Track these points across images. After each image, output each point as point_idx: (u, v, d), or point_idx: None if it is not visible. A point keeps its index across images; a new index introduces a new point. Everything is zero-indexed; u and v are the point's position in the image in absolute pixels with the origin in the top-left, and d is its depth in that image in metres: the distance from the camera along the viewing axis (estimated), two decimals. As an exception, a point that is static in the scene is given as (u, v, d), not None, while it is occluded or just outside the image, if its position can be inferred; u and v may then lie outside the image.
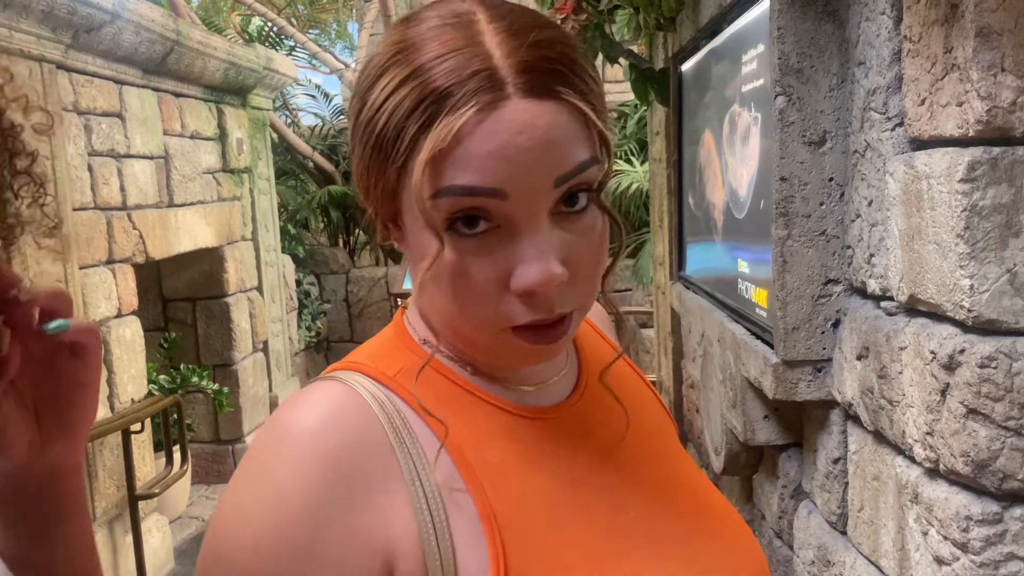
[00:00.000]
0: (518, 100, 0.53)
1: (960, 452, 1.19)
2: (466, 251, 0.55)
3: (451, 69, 0.53)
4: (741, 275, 2.11)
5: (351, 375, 0.60)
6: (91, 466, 3.36)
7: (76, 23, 3.28)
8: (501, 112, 0.53)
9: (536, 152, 0.53)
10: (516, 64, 0.53)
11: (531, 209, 0.54)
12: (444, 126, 0.52)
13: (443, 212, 0.54)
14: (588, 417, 0.67)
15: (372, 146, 0.57)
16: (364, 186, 0.60)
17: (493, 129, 0.53)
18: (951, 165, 1.18)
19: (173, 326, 4.93)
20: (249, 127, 5.33)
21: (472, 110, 0.52)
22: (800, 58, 1.60)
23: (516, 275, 0.55)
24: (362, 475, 0.55)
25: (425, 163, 0.53)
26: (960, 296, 1.18)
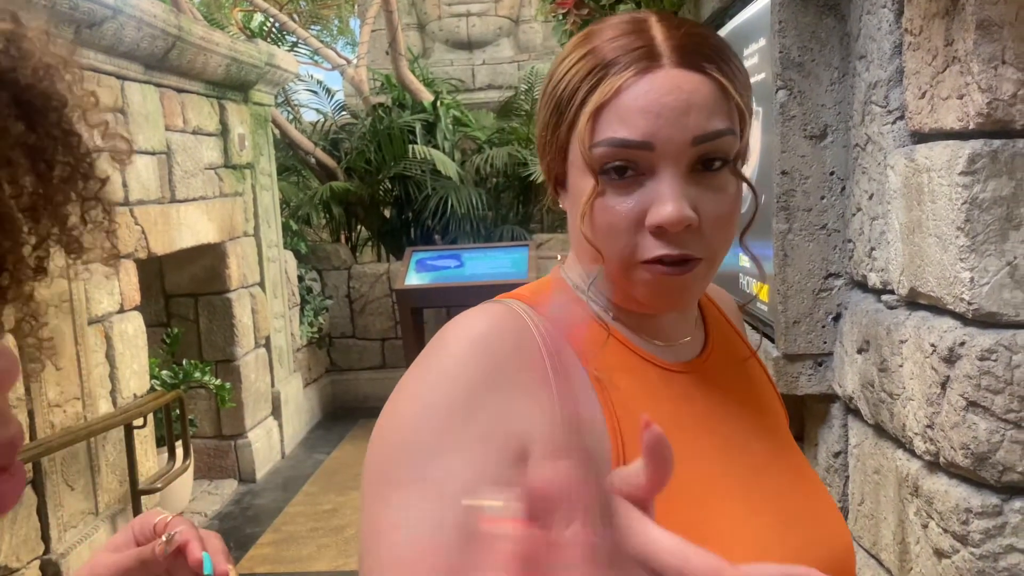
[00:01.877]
0: (670, 68, 0.64)
1: (960, 445, 1.20)
2: (614, 191, 0.66)
3: (619, 46, 0.66)
4: (743, 270, 2.11)
5: (514, 302, 0.70)
6: (94, 461, 3.37)
7: (78, 18, 3.28)
8: (654, 75, 0.64)
9: (680, 110, 0.64)
10: (672, 43, 0.65)
11: (672, 160, 0.64)
12: (607, 83, 0.65)
13: (600, 160, 0.65)
14: (709, 380, 0.75)
15: (551, 108, 0.69)
16: (541, 145, 0.72)
17: (647, 88, 0.64)
18: (952, 158, 1.18)
19: (175, 322, 4.93)
20: (251, 123, 5.33)
21: (631, 72, 0.64)
22: (801, 52, 1.60)
23: (651, 212, 0.65)
24: (514, 373, 0.63)
25: (590, 113, 0.65)
26: (960, 289, 1.18)
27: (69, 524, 3.17)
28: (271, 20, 9.04)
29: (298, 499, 4.72)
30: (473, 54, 9.45)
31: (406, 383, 0.66)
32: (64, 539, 3.14)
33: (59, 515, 3.11)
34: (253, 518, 4.49)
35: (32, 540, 2.98)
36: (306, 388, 6.14)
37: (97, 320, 3.47)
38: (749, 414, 0.76)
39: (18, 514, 2.90)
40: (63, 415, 3.16)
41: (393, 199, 7.35)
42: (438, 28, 9.49)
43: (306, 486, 4.92)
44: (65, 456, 3.16)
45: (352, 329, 6.69)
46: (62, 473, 3.15)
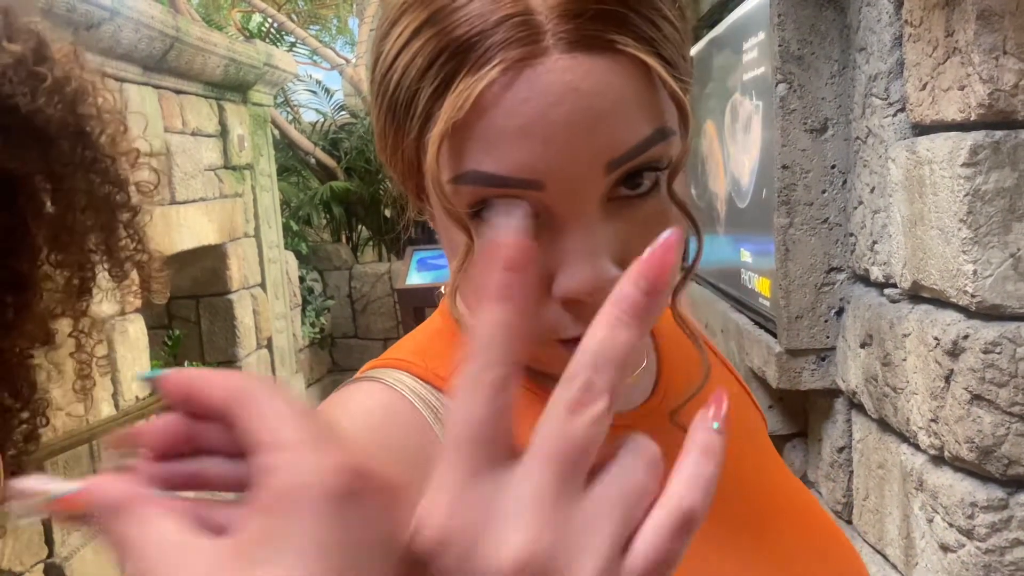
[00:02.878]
0: (559, 55, 0.40)
1: (965, 438, 1.19)
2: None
3: (476, 14, 0.40)
4: (744, 265, 2.10)
5: (395, 374, 0.50)
6: (97, 464, 3.37)
7: (75, 20, 3.28)
8: (535, 72, 0.40)
9: (581, 128, 0.41)
10: (559, 5, 0.40)
11: (576, 200, 0.42)
12: (461, 91, 0.40)
13: (466, 200, 0.43)
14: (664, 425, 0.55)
15: (386, 109, 0.46)
16: (383, 151, 0.50)
17: (524, 96, 0.40)
18: (953, 149, 1.18)
19: (177, 324, 4.93)
20: (250, 124, 5.33)
21: (499, 65, 0.40)
22: (801, 45, 1.60)
23: (558, 280, 0.43)
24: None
25: (440, 140, 0.41)
26: (963, 282, 1.17)
27: (72, 527, 3.17)
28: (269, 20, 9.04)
29: (302, 500, 4.72)
30: (472, 52, 9.42)
31: None
32: (67, 543, 3.13)
33: (62, 518, 3.11)
34: (257, 519, 4.49)
35: (35, 544, 2.98)
36: (309, 389, 6.14)
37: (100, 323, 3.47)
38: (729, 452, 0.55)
39: (21, 518, 2.91)
40: (65, 418, 3.16)
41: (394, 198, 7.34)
42: (437, 27, 9.46)
43: (309, 486, 4.91)
44: (68, 459, 3.16)
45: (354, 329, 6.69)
46: (65, 476, 3.15)
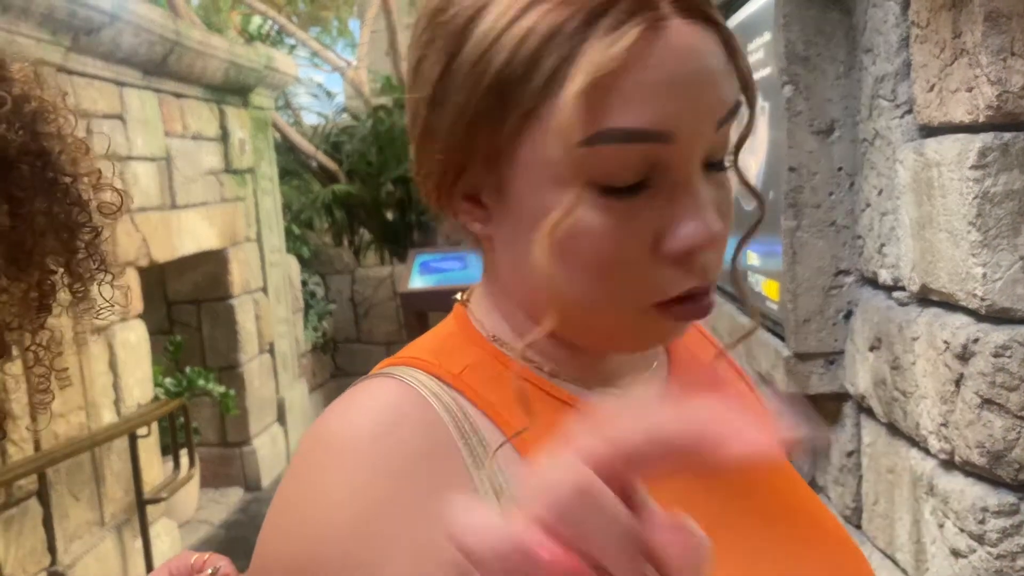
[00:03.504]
0: (678, 21, 0.43)
1: (975, 443, 1.18)
2: (612, 210, 0.45)
3: None
4: (751, 267, 2.09)
5: (408, 371, 0.50)
6: (99, 471, 3.36)
7: (76, 25, 3.27)
8: (665, 33, 0.43)
9: (703, 86, 0.44)
10: None
11: (693, 154, 0.45)
12: (603, 48, 0.42)
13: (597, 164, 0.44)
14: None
15: (482, 92, 0.45)
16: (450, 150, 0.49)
17: (659, 55, 0.42)
18: (961, 152, 1.16)
19: (178, 329, 4.92)
20: (251, 127, 5.32)
21: (636, 30, 0.42)
22: (807, 46, 1.59)
23: (676, 234, 0.45)
24: (426, 487, 0.46)
25: (579, 94, 0.42)
26: (973, 285, 1.16)
27: (75, 535, 3.16)
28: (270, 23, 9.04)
29: (305, 504, 4.72)
30: (472, 55, 9.42)
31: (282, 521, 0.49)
32: (70, 550, 3.12)
33: (65, 526, 3.10)
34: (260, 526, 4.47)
35: (38, 551, 2.97)
36: (311, 394, 6.13)
37: (99, 329, 3.46)
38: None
39: (23, 526, 2.89)
40: (67, 425, 3.15)
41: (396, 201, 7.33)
42: (437, 29, 9.47)
43: (312, 491, 4.91)
44: (70, 467, 3.15)
45: (357, 333, 6.68)
46: (67, 484, 3.14)
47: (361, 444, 0.47)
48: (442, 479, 0.46)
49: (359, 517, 0.45)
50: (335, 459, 0.47)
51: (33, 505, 2.95)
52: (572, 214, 0.44)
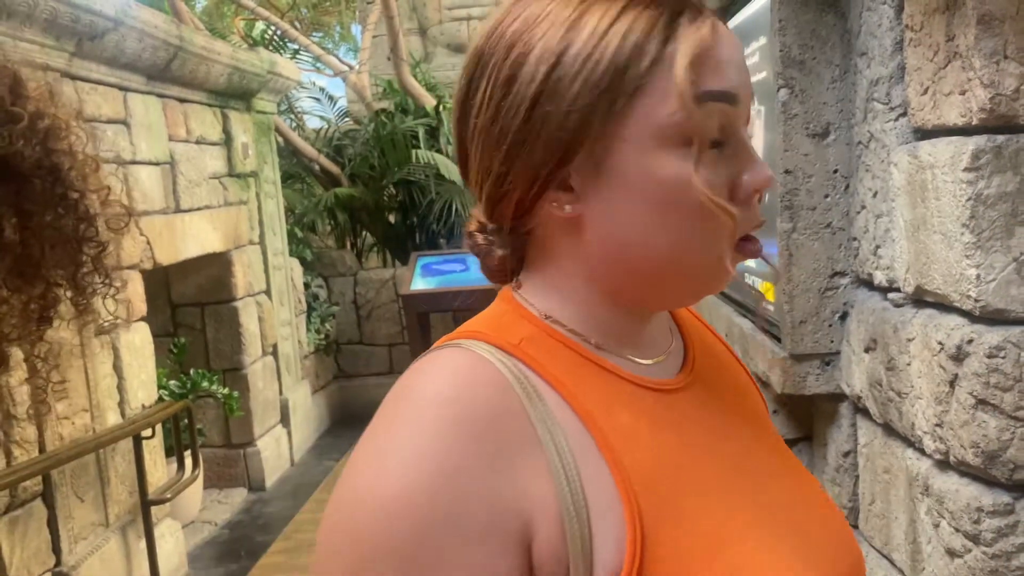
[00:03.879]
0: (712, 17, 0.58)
1: (970, 443, 1.19)
2: (708, 163, 0.56)
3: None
4: (747, 269, 2.10)
5: (472, 343, 0.58)
6: (103, 472, 3.38)
7: (80, 31, 3.29)
8: (721, 29, 0.58)
9: (745, 70, 0.59)
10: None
11: (746, 115, 0.59)
12: (695, 31, 0.56)
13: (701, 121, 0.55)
14: (704, 393, 0.66)
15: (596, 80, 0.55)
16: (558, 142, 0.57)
17: (723, 41, 0.57)
18: (955, 154, 1.17)
19: (182, 331, 4.94)
20: (254, 131, 5.34)
21: (708, 22, 0.57)
22: (802, 50, 1.60)
23: (748, 179, 0.58)
24: (500, 440, 0.53)
25: (689, 66, 0.54)
26: (967, 286, 1.17)
27: (80, 536, 3.18)
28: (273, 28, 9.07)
29: (308, 506, 4.73)
30: (475, 58, 9.44)
31: (370, 460, 0.53)
32: (75, 551, 3.14)
33: (69, 527, 3.12)
34: (263, 526, 4.49)
35: (43, 553, 2.99)
36: (314, 395, 6.14)
37: (104, 331, 3.48)
38: (745, 421, 0.69)
39: (28, 527, 2.91)
40: (71, 427, 3.17)
41: (398, 204, 7.35)
42: (439, 32, 9.50)
43: (316, 493, 4.92)
44: (74, 468, 3.17)
45: (359, 335, 6.70)
46: (72, 485, 3.16)
47: (443, 403, 0.53)
48: (512, 436, 0.53)
49: (442, 468, 0.51)
50: (421, 414, 0.53)
51: (38, 506, 2.97)
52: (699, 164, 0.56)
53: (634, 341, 0.64)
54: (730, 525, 0.58)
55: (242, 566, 3.99)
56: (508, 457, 0.52)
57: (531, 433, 0.54)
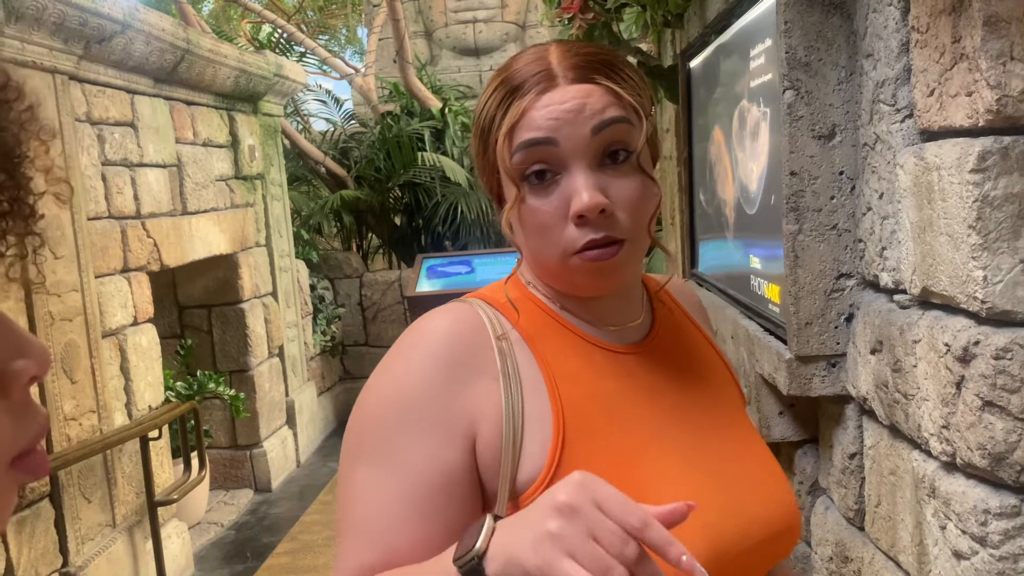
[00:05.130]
0: (564, 85, 0.77)
1: (977, 445, 1.18)
2: (536, 195, 0.78)
3: (524, 73, 0.79)
4: (753, 271, 2.10)
5: (475, 300, 0.83)
6: (110, 473, 3.39)
7: (88, 34, 3.31)
8: (552, 93, 0.77)
9: (575, 111, 0.76)
10: (566, 64, 0.78)
11: (578, 152, 0.76)
12: (516, 106, 0.77)
13: (519, 166, 0.77)
14: (654, 359, 0.85)
15: (478, 136, 0.82)
16: (479, 168, 0.84)
17: (546, 102, 0.77)
18: (961, 156, 1.17)
19: (189, 333, 4.96)
20: (261, 134, 5.36)
21: (533, 92, 0.77)
22: (808, 52, 1.60)
23: (572, 206, 0.76)
24: (468, 364, 0.75)
25: (505, 133, 0.77)
26: (973, 288, 1.17)
27: (87, 537, 3.19)
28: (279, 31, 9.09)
29: (314, 508, 4.73)
30: (480, 60, 9.46)
31: (381, 369, 0.78)
32: (82, 552, 3.15)
33: (77, 528, 3.13)
34: (269, 527, 4.50)
35: (50, 553, 3.00)
36: (320, 397, 6.15)
37: (111, 333, 3.49)
38: (694, 390, 0.85)
39: (36, 527, 2.92)
40: (79, 428, 3.18)
41: (403, 206, 7.36)
42: (445, 35, 9.51)
43: (322, 495, 4.92)
44: (82, 469, 3.18)
45: (365, 337, 6.71)
46: (79, 486, 3.17)
47: (433, 335, 0.78)
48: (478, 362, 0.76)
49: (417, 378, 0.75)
50: (416, 341, 0.78)
51: (45, 507, 2.98)
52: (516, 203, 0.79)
53: (590, 311, 0.84)
54: (646, 451, 0.76)
55: (248, 567, 4.00)
56: (470, 376, 0.75)
57: (493, 361, 0.76)
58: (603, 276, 0.79)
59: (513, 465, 0.73)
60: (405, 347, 0.78)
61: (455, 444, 0.73)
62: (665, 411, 0.81)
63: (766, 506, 0.79)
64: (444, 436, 0.73)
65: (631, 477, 0.73)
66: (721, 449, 0.81)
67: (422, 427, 0.73)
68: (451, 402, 0.74)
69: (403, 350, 0.78)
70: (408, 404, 0.74)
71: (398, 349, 0.79)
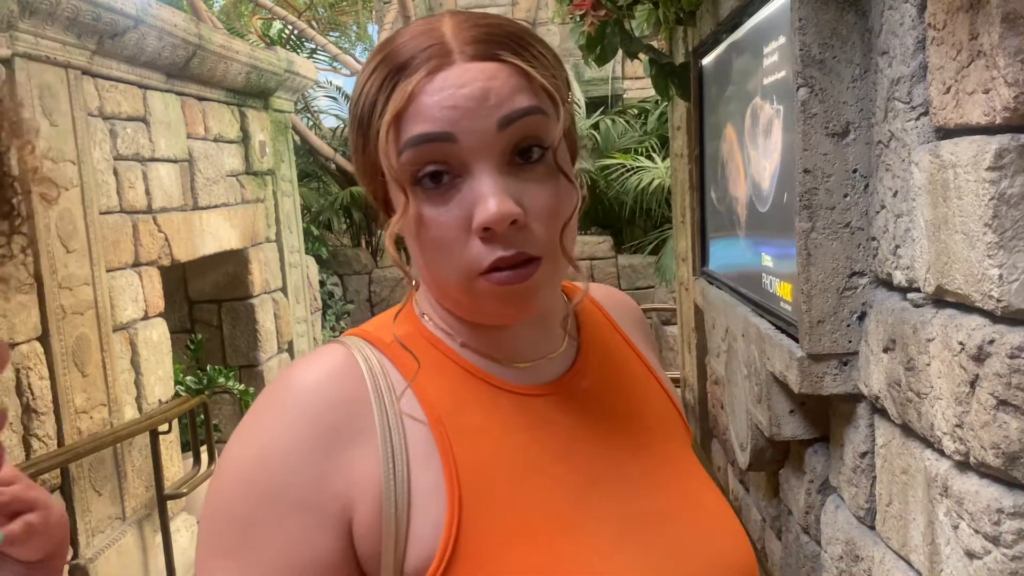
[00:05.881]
0: (463, 62, 0.61)
1: (990, 444, 1.18)
2: (431, 203, 0.62)
3: (411, 48, 0.62)
4: (765, 269, 2.09)
5: (356, 340, 0.68)
6: (120, 467, 3.41)
7: (101, 29, 3.32)
8: (447, 72, 0.61)
9: (478, 99, 0.61)
10: (463, 38, 0.62)
11: (482, 151, 0.61)
12: (400, 89, 0.61)
13: (408, 168, 0.61)
14: (575, 400, 0.70)
15: (356, 128, 0.65)
16: (358, 169, 0.67)
17: (440, 86, 0.61)
18: (978, 153, 1.17)
19: (199, 327, 4.98)
20: (271, 129, 5.37)
21: (423, 71, 0.61)
22: (822, 49, 1.59)
23: (476, 216, 0.61)
24: (338, 429, 0.62)
25: (388, 123, 0.61)
26: (989, 286, 1.16)
27: (97, 529, 3.21)
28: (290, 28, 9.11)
29: (322, 503, 4.75)
30: (491, 57, 9.45)
31: (239, 436, 0.64)
32: (92, 544, 3.17)
33: (87, 520, 3.15)
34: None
35: (61, 545, 3.02)
36: (328, 392, 6.17)
37: (122, 327, 3.51)
38: (626, 432, 0.71)
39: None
40: (90, 421, 3.20)
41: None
42: (455, 32, 9.50)
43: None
44: (92, 462, 3.20)
45: (373, 333, 6.72)
46: (90, 479, 3.19)
47: (299, 391, 0.64)
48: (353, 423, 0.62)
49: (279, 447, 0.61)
50: (281, 402, 0.64)
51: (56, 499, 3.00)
52: (403, 213, 0.62)
53: (497, 345, 0.69)
54: (567, 521, 0.63)
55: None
56: (342, 443, 0.61)
57: (372, 424, 0.62)
58: (515, 302, 0.64)
59: (398, 552, 0.60)
60: (267, 410, 0.64)
61: (327, 530, 0.60)
62: (590, 464, 0.67)
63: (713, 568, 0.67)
64: (313, 521, 0.60)
65: (548, 557, 0.61)
66: (659, 506, 0.68)
67: (286, 511, 0.60)
68: (321, 479, 0.60)
69: (264, 414, 0.64)
70: (270, 483, 0.60)
71: (259, 411, 0.64)
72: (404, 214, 0.62)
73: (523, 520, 0.62)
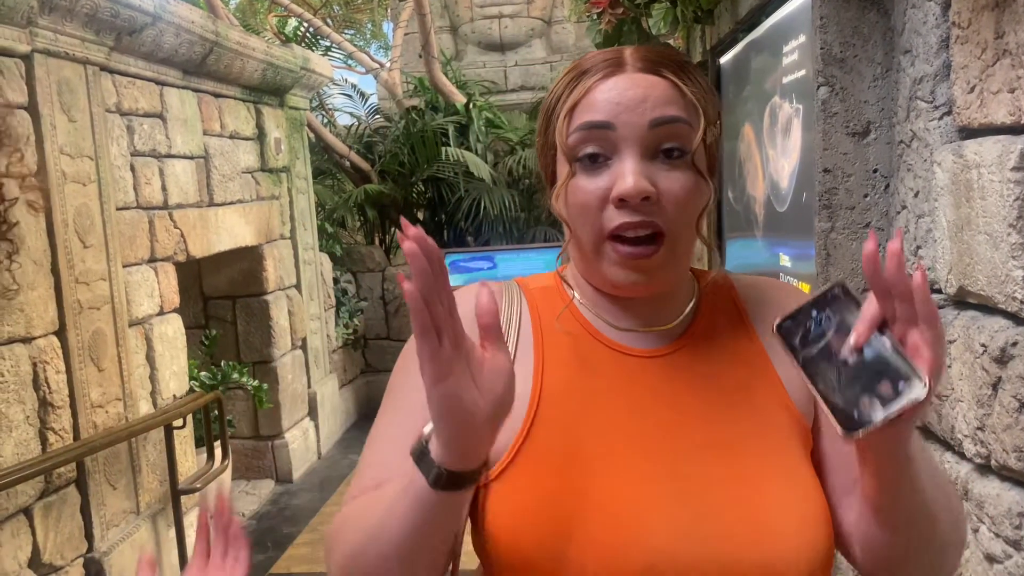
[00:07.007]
0: (632, 72, 0.78)
1: (1013, 447, 1.16)
2: (586, 176, 0.77)
3: (596, 60, 0.80)
4: (783, 269, 2.08)
5: (512, 284, 0.88)
6: (135, 461, 3.43)
7: (119, 26, 3.34)
8: (618, 77, 0.78)
9: (638, 100, 0.76)
10: (636, 55, 0.79)
11: (633, 141, 0.76)
12: (580, 86, 0.79)
13: (575, 146, 0.78)
14: (673, 368, 0.80)
15: (543, 115, 0.83)
16: (539, 150, 0.85)
17: (610, 86, 0.77)
18: (1003, 153, 1.15)
19: (214, 323, 5.00)
20: (287, 127, 5.38)
21: (599, 75, 0.78)
22: (843, 48, 1.58)
23: (615, 188, 0.75)
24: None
25: (567, 110, 0.78)
26: (1012, 288, 1.15)
27: (111, 523, 3.22)
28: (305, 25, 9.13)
29: (334, 499, 4.76)
30: (505, 56, 9.45)
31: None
32: (107, 537, 3.19)
33: (102, 514, 3.17)
34: (290, 518, 4.53)
35: (76, 538, 3.04)
36: (342, 389, 6.18)
37: (137, 322, 3.52)
38: (710, 406, 0.77)
39: (62, 512, 2.96)
40: (105, 416, 3.22)
41: (426, 201, 7.37)
42: (470, 30, 9.51)
43: (342, 486, 4.95)
44: (107, 456, 3.22)
45: (387, 330, 6.73)
46: (104, 473, 3.21)
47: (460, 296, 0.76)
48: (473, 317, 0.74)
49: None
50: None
51: (72, 492, 3.02)
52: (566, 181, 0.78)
53: (609, 310, 0.83)
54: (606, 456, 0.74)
55: (268, 557, 4.03)
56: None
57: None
58: (637, 272, 0.76)
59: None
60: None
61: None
62: (657, 422, 0.76)
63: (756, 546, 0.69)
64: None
65: (575, 476, 0.73)
66: (715, 473, 0.73)
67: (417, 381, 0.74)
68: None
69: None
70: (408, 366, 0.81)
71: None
72: (565, 182, 0.78)
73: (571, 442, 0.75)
